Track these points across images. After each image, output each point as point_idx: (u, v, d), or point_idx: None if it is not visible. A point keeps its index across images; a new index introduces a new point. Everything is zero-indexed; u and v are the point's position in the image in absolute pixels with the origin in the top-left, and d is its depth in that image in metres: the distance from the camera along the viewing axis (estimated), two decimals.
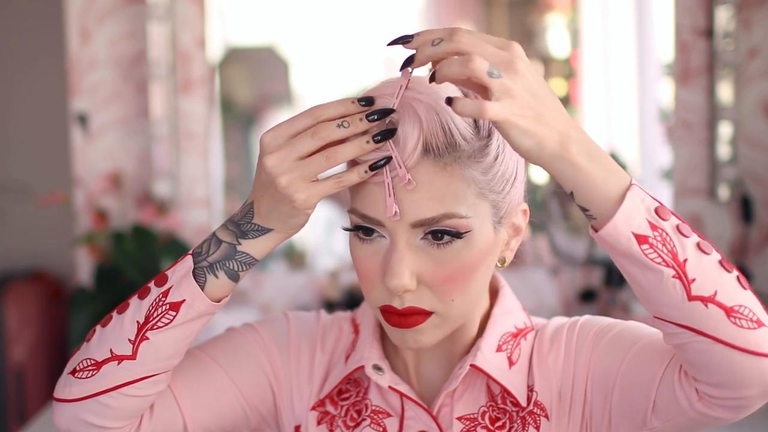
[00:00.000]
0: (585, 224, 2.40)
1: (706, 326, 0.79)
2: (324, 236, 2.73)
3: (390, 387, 0.96)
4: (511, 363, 0.97)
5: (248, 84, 2.71)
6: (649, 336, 0.92)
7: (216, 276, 0.89)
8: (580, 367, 0.95)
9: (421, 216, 0.86)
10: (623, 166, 0.87)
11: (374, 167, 0.85)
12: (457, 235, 0.87)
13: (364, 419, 0.99)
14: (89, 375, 0.91)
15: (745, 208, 2.28)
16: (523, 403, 0.95)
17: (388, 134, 0.85)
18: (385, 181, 0.85)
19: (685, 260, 0.80)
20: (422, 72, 0.88)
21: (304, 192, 0.84)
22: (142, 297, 0.91)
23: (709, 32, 2.30)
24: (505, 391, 0.96)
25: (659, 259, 0.79)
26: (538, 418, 0.95)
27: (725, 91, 2.30)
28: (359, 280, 0.92)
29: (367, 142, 0.84)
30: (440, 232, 0.86)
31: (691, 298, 0.79)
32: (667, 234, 0.80)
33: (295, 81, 2.70)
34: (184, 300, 0.88)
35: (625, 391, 0.90)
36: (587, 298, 2.39)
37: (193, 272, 0.89)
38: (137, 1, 2.34)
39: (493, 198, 0.89)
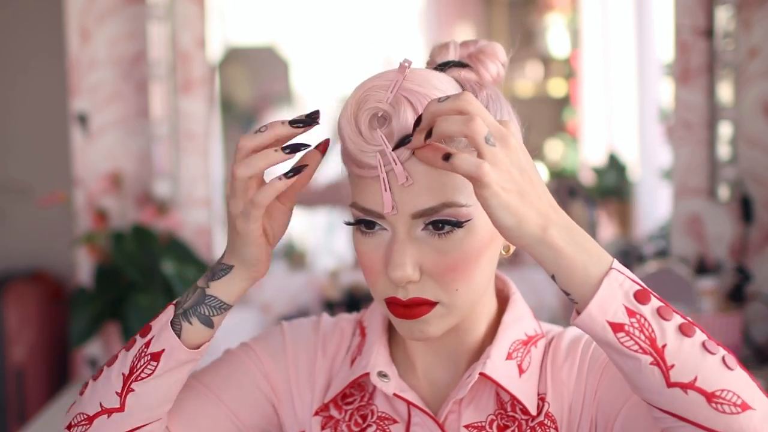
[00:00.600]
0: (585, 224, 2.40)
1: (687, 412, 0.79)
2: (324, 236, 2.73)
3: (395, 394, 0.96)
4: (521, 371, 0.96)
5: (248, 84, 2.71)
6: None
7: (190, 323, 0.90)
8: (590, 385, 0.94)
9: (420, 207, 0.86)
10: (623, 168, 0.86)
11: (288, 147, 0.85)
12: (457, 224, 0.86)
13: (369, 425, 0.99)
14: (83, 430, 0.92)
15: (745, 208, 2.28)
16: (533, 412, 0.95)
17: (294, 148, 0.85)
18: (380, 176, 0.85)
19: (664, 346, 0.78)
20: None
21: (240, 206, 0.86)
22: (128, 349, 0.92)
23: (709, 32, 2.30)
24: (514, 399, 0.95)
25: (636, 347, 0.79)
26: (548, 430, 0.95)
27: (725, 91, 2.30)
28: (364, 274, 0.92)
29: (275, 150, 0.85)
30: (441, 222, 0.86)
31: (670, 384, 0.78)
32: (645, 319, 0.79)
33: (295, 81, 2.70)
34: (163, 350, 0.90)
35: (627, 429, 0.90)
36: None
37: (172, 321, 0.90)
38: (137, 1, 2.34)
39: None
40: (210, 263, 2.26)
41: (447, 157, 0.78)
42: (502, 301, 1.02)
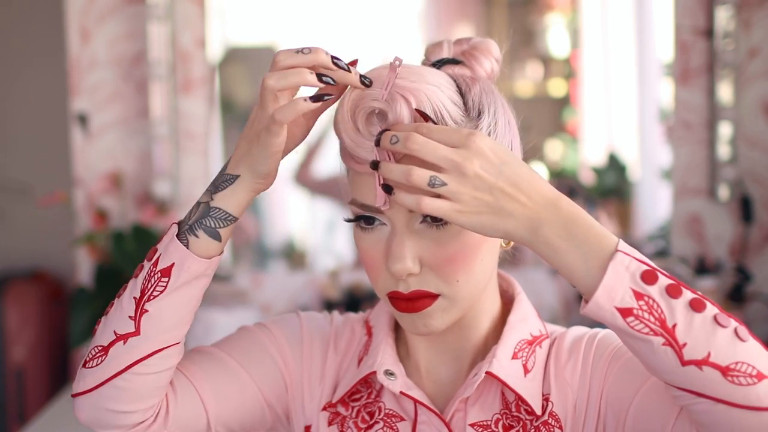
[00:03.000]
0: None
1: (704, 388, 0.79)
2: (324, 236, 2.73)
3: (401, 393, 0.96)
4: (526, 371, 0.96)
5: (248, 84, 2.71)
6: None
7: (196, 236, 0.89)
8: (595, 383, 0.95)
9: None
10: (623, 168, 0.86)
11: (325, 77, 0.85)
12: None
13: (376, 422, 0.99)
14: (99, 362, 0.90)
15: (745, 208, 2.28)
16: (538, 412, 0.95)
17: (329, 82, 0.85)
18: (375, 173, 0.86)
19: (675, 325, 0.79)
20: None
21: (264, 120, 0.84)
22: (136, 275, 0.91)
23: (709, 32, 2.30)
24: (519, 399, 0.95)
25: (646, 330, 0.79)
26: (552, 429, 0.95)
27: (725, 91, 2.30)
28: (366, 271, 0.93)
29: (311, 73, 0.84)
30: None
31: (684, 363, 0.79)
32: (653, 300, 0.79)
33: None
34: (173, 263, 0.88)
35: (639, 423, 0.90)
36: None
37: (177, 236, 0.89)
38: (137, 1, 2.34)
39: None
40: None
41: (388, 190, 0.85)
42: (507, 301, 1.02)
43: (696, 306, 0.80)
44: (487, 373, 0.94)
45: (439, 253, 0.88)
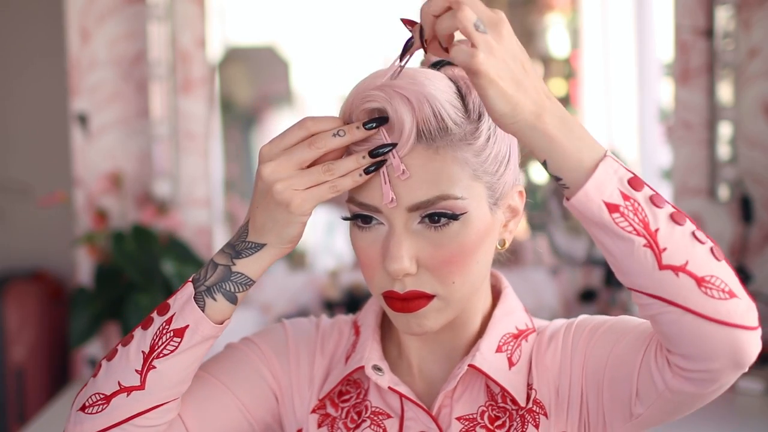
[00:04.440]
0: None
1: (677, 296, 0.80)
2: (324, 236, 2.73)
3: (390, 388, 0.97)
4: (511, 364, 0.97)
5: (248, 84, 2.71)
6: (635, 328, 0.92)
7: (214, 299, 0.90)
8: (576, 365, 0.95)
9: (416, 199, 0.87)
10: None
11: (368, 171, 0.87)
12: (453, 216, 0.88)
13: (364, 420, 0.99)
14: (99, 410, 0.91)
15: (745, 208, 2.28)
16: (522, 403, 0.96)
17: (381, 121, 0.86)
18: (380, 172, 0.87)
19: (657, 230, 0.80)
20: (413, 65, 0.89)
21: (299, 197, 0.86)
22: (145, 327, 0.91)
23: (709, 32, 2.30)
24: (504, 391, 0.96)
25: (630, 228, 0.80)
26: (537, 417, 0.95)
27: (725, 91, 2.30)
28: (361, 269, 0.93)
29: (363, 157, 0.86)
30: (436, 215, 0.88)
31: (662, 267, 0.80)
32: (638, 204, 0.81)
33: (295, 81, 2.70)
34: (187, 325, 0.89)
35: (613, 384, 0.91)
36: (587, 298, 2.39)
37: (194, 297, 0.90)
38: (137, 1, 2.34)
39: (488, 180, 0.90)
40: None
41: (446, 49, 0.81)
42: (496, 296, 1.03)
43: (677, 219, 0.81)
44: (470, 366, 0.95)
45: (437, 255, 0.89)
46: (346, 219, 0.93)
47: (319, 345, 1.05)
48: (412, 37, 0.84)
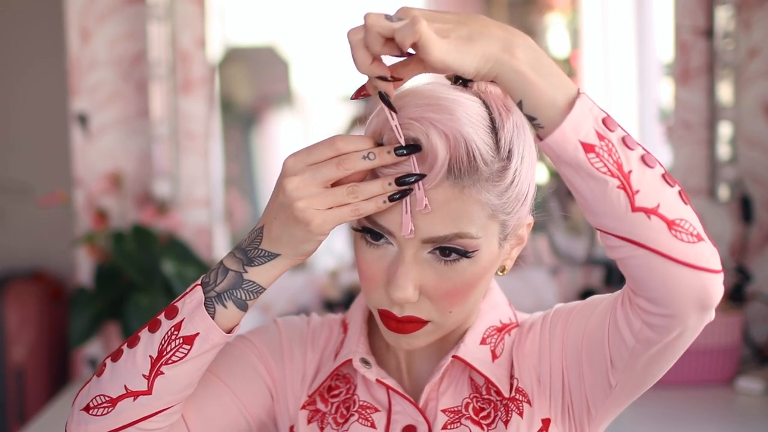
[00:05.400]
0: (585, 224, 2.40)
1: (647, 238, 0.80)
2: None
3: (377, 380, 0.97)
4: (494, 356, 0.98)
5: (248, 84, 2.71)
6: (602, 301, 0.93)
7: (225, 306, 0.89)
8: (556, 350, 0.96)
9: (434, 234, 0.87)
10: None
11: (393, 199, 0.85)
12: (464, 253, 0.88)
13: (352, 414, 1.00)
14: (105, 412, 0.91)
15: (745, 208, 2.28)
16: (506, 394, 0.96)
17: (414, 149, 0.85)
18: (403, 201, 0.86)
19: (630, 171, 0.80)
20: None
21: (320, 217, 0.84)
22: (152, 330, 0.90)
23: (709, 32, 2.30)
24: (488, 382, 0.97)
25: (605, 169, 0.80)
26: (520, 405, 0.96)
27: (725, 91, 2.30)
28: (360, 279, 0.93)
29: (390, 183, 0.85)
30: (449, 250, 0.88)
31: (634, 209, 0.79)
32: (612, 145, 0.80)
33: (295, 81, 2.70)
34: (198, 333, 0.89)
35: (591, 358, 0.91)
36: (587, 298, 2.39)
37: (204, 303, 0.89)
38: (137, 1, 2.34)
39: (503, 218, 0.90)
40: (210, 264, 2.26)
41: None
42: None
43: (647, 161, 0.81)
44: (454, 356, 0.96)
45: (441, 287, 0.89)
46: (355, 230, 0.92)
47: (311, 341, 1.05)
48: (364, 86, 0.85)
